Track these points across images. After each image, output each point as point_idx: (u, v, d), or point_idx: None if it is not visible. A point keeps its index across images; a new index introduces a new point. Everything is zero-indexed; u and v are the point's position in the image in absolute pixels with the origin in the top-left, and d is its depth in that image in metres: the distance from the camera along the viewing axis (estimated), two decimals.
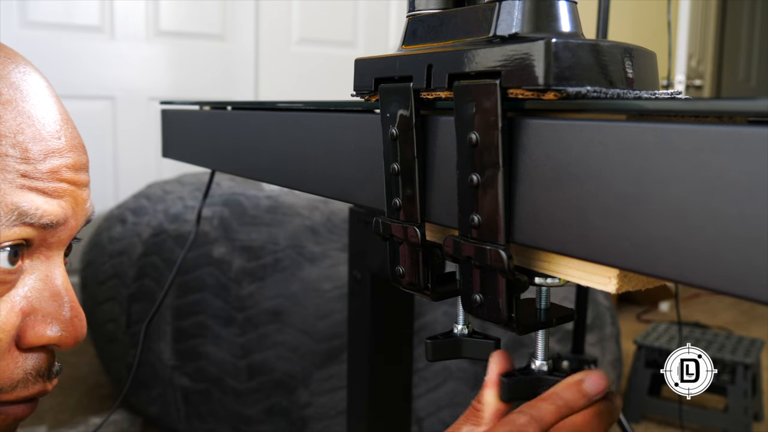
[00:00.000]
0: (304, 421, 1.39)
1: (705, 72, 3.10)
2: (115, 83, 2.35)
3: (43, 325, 0.40)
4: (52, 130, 0.41)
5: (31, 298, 0.40)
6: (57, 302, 0.41)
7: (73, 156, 0.42)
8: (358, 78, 0.47)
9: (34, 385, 0.41)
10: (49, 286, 0.41)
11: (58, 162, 0.41)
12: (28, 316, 0.40)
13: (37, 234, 0.39)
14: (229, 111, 0.72)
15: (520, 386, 0.44)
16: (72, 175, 0.42)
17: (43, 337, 0.40)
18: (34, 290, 0.41)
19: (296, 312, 1.39)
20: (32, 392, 0.41)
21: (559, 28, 0.38)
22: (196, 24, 2.47)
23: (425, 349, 0.49)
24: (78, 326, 0.41)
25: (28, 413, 0.42)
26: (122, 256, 1.67)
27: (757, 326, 2.69)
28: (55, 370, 0.43)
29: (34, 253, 0.41)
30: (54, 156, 0.40)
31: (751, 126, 0.26)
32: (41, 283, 0.41)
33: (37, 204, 0.39)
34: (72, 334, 0.41)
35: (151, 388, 1.53)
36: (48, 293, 0.41)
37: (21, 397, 0.41)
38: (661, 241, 0.29)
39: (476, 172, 0.37)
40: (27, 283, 0.40)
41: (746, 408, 1.72)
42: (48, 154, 0.40)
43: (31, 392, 0.41)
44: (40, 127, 0.40)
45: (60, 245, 0.42)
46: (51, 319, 0.40)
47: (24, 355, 0.40)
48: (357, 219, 0.87)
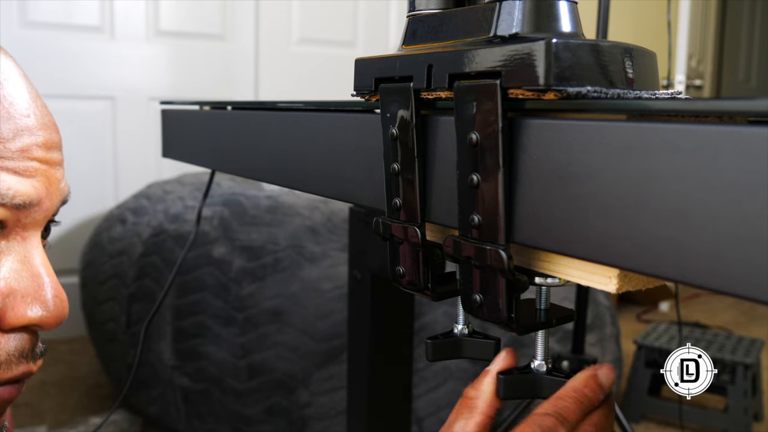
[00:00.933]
0: (304, 421, 1.39)
1: (705, 72, 3.10)
2: (115, 83, 2.35)
3: (23, 306, 0.40)
4: (21, 108, 0.40)
5: (10, 279, 0.40)
6: (37, 282, 0.41)
7: (44, 134, 0.41)
8: (358, 78, 0.47)
9: (18, 366, 0.41)
10: (28, 266, 0.41)
11: (29, 140, 0.40)
12: (8, 297, 0.40)
13: (10, 215, 0.39)
14: (229, 111, 0.72)
15: (517, 385, 0.44)
16: (44, 154, 0.41)
17: (23, 318, 0.40)
18: (13, 271, 0.40)
19: (296, 312, 1.39)
20: (16, 373, 0.41)
21: (559, 29, 0.39)
22: (196, 24, 2.47)
23: (425, 349, 0.49)
24: (59, 306, 0.41)
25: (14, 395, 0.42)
26: (122, 256, 1.67)
27: (757, 326, 2.69)
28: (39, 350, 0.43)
29: (9, 234, 0.40)
30: (24, 134, 0.40)
31: (751, 126, 0.26)
32: (19, 264, 0.41)
33: (8, 184, 0.38)
34: (53, 314, 0.41)
35: (151, 388, 1.53)
36: (27, 274, 0.41)
37: (5, 378, 0.40)
38: (661, 240, 0.29)
39: (476, 172, 0.37)
40: (4, 264, 0.40)
41: (746, 408, 1.72)
42: (18, 132, 0.39)
43: (15, 373, 0.41)
44: (8, 106, 0.39)
45: (36, 226, 0.41)
46: (31, 300, 0.40)
47: (6, 337, 0.40)
48: (357, 219, 0.87)
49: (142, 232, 1.66)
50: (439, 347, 0.50)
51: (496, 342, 0.49)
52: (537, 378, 0.44)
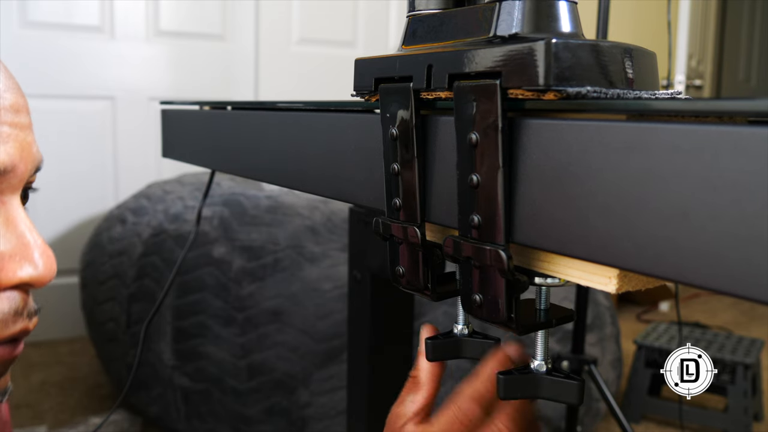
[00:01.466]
0: (304, 421, 1.39)
1: (705, 72, 3.10)
2: (115, 83, 2.35)
3: (12, 265, 0.40)
4: None
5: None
6: (22, 242, 0.41)
7: (10, 97, 0.41)
8: (358, 78, 0.47)
9: (15, 324, 0.41)
10: (12, 228, 0.41)
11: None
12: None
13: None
14: (229, 111, 0.72)
15: (516, 384, 0.45)
16: (12, 117, 0.41)
17: (14, 278, 0.40)
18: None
19: (296, 312, 1.39)
20: (14, 331, 0.41)
21: (559, 29, 0.38)
22: (196, 24, 2.47)
23: (425, 349, 0.49)
24: (47, 263, 0.42)
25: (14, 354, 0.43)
26: (122, 256, 1.67)
27: (757, 326, 2.69)
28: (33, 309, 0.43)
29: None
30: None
31: (751, 126, 0.26)
32: (3, 227, 0.41)
33: None
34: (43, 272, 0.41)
35: (151, 388, 1.53)
36: (12, 235, 0.41)
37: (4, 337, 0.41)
38: (661, 241, 0.29)
39: (476, 173, 0.37)
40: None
41: (746, 408, 1.72)
42: None
43: (13, 331, 0.41)
44: None
45: (12, 190, 0.42)
46: (19, 259, 0.41)
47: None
48: (357, 219, 0.87)
49: (142, 232, 1.66)
50: (439, 347, 0.50)
51: (496, 342, 0.49)
52: (537, 378, 0.44)
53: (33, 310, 0.43)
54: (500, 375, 0.44)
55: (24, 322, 0.42)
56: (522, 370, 0.45)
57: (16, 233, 0.41)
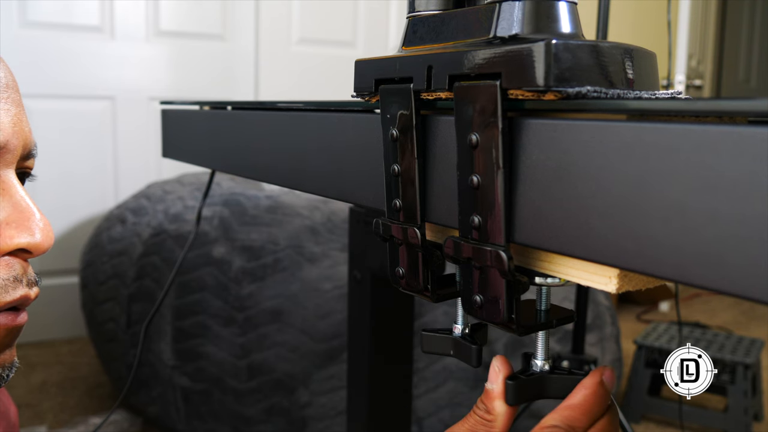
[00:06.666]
0: (304, 421, 1.39)
1: (705, 72, 3.10)
2: (115, 83, 2.35)
3: (9, 231, 0.41)
4: None
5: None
6: (19, 210, 0.42)
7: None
8: (358, 79, 0.47)
9: (15, 291, 0.42)
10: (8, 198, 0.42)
11: None
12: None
13: None
14: (229, 111, 0.72)
15: (525, 388, 0.44)
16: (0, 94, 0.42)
17: (12, 243, 0.41)
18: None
19: (296, 312, 1.39)
20: (15, 297, 0.42)
21: (559, 29, 0.38)
22: (196, 24, 2.47)
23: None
24: (44, 231, 0.43)
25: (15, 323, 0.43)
26: (122, 256, 1.67)
27: (757, 326, 2.69)
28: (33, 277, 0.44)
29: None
30: None
31: (751, 126, 0.26)
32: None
33: None
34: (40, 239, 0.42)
35: (151, 388, 1.53)
36: (9, 204, 0.42)
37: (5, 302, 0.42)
38: (661, 240, 0.29)
39: (476, 173, 0.37)
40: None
41: (746, 408, 1.72)
42: None
43: (14, 297, 0.42)
44: None
45: (7, 165, 0.43)
46: (16, 226, 0.42)
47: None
48: (357, 219, 0.87)
49: (142, 232, 1.66)
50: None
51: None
52: (544, 378, 0.44)
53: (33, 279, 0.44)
54: (508, 381, 0.44)
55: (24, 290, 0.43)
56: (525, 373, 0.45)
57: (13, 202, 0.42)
